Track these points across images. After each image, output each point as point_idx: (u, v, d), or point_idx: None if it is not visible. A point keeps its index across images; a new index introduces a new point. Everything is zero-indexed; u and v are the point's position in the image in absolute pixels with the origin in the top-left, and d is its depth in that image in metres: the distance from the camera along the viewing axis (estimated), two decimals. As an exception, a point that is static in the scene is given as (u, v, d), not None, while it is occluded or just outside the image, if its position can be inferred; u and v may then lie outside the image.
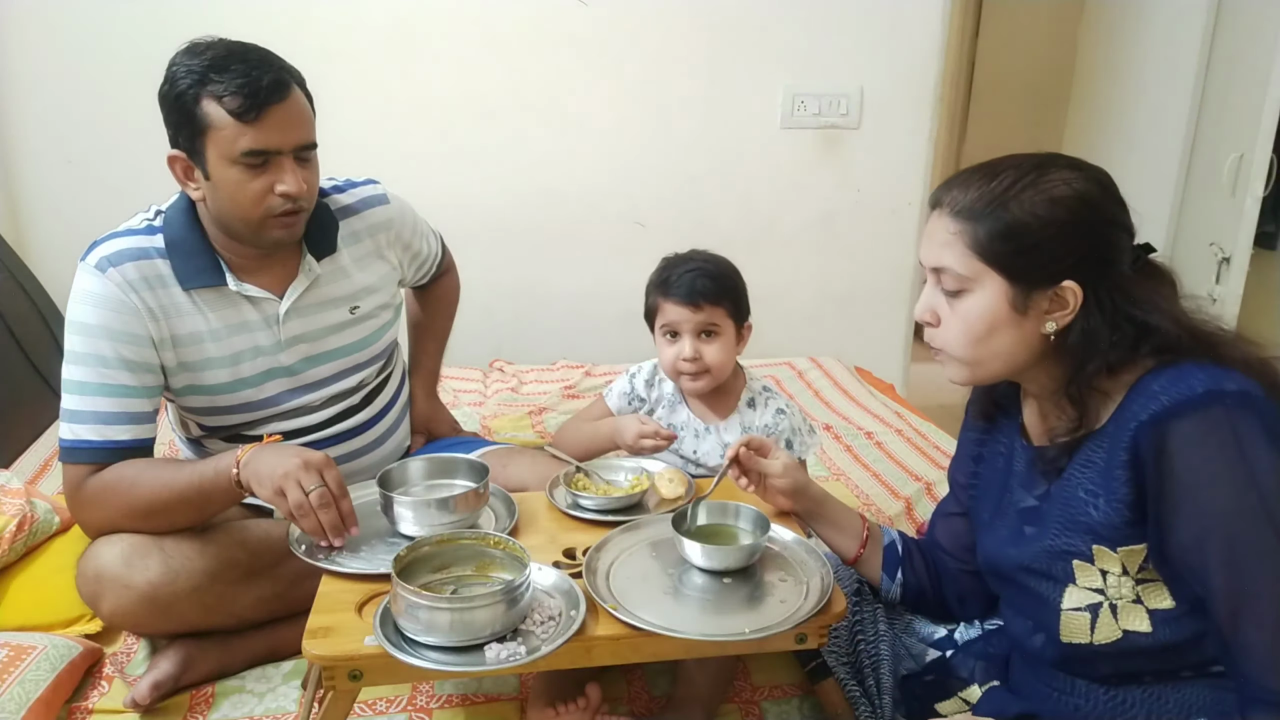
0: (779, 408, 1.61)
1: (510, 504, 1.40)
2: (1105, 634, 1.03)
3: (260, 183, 1.36)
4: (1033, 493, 1.12)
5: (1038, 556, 1.08)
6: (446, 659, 1.05)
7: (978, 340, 1.05)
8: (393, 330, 1.69)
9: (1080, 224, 1.00)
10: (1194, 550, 0.95)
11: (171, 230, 1.43)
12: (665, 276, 1.56)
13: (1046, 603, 1.08)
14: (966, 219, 1.03)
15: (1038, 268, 1.01)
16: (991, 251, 1.02)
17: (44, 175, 2.67)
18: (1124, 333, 1.00)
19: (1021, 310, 1.02)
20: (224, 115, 1.31)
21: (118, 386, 1.38)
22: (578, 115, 2.84)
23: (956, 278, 1.04)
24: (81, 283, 1.40)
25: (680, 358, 1.54)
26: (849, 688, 1.32)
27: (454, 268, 1.90)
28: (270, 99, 1.32)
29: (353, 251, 1.58)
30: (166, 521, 1.36)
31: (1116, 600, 1.02)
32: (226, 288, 1.44)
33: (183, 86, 1.33)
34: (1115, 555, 1.01)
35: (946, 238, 1.05)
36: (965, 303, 1.05)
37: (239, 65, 1.32)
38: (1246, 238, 2.72)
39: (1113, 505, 1.00)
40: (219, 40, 1.37)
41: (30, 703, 1.26)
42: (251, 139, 1.33)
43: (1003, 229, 1.01)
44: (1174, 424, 0.94)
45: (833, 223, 3.04)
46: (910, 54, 2.91)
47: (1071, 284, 1.00)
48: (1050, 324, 1.02)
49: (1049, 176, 1.01)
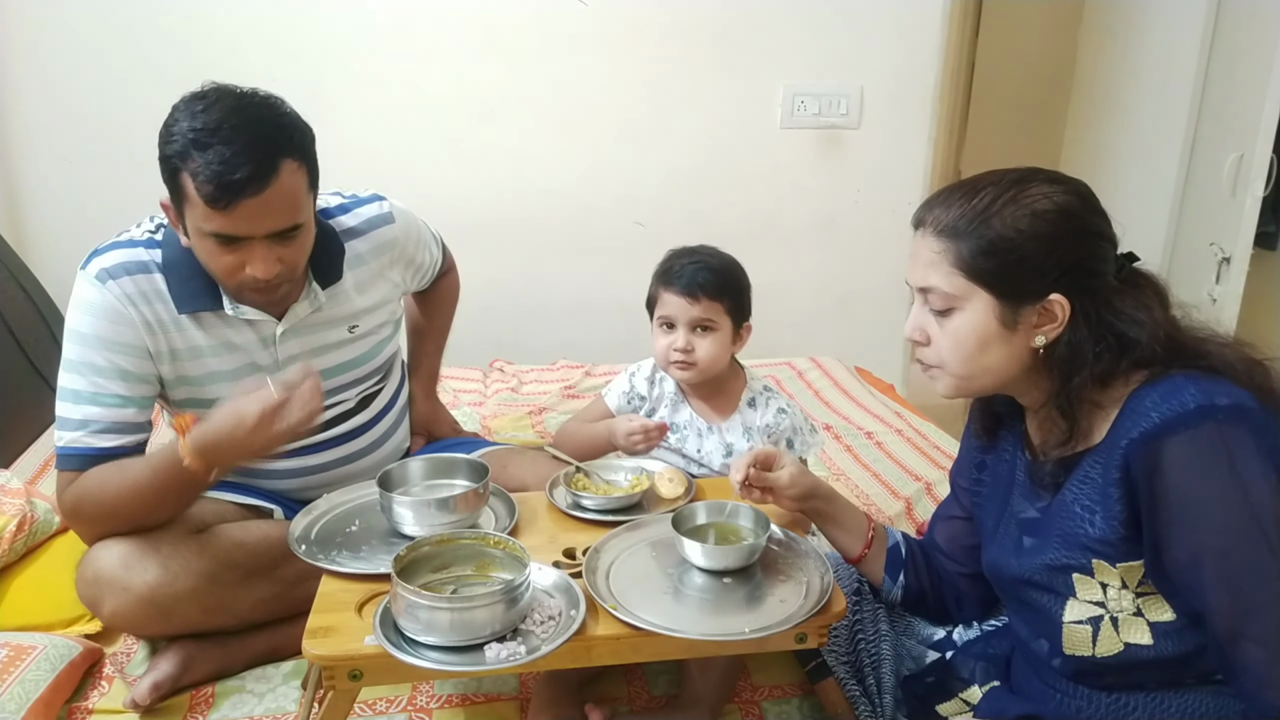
0: (780, 407, 1.61)
1: (510, 504, 1.40)
2: (1107, 646, 1.03)
3: (231, 259, 1.32)
4: (1034, 504, 1.12)
5: (1038, 570, 1.07)
6: (446, 659, 1.05)
7: (969, 357, 1.06)
8: (393, 344, 1.67)
9: (1063, 236, 1.01)
10: (1190, 568, 0.95)
11: (170, 251, 1.41)
12: (668, 267, 1.56)
13: (1048, 615, 1.07)
14: (950, 237, 1.04)
15: (1024, 282, 1.01)
16: (977, 269, 1.02)
17: (44, 175, 2.66)
18: (1108, 344, 1.00)
19: (1011, 326, 1.03)
20: (195, 194, 1.26)
21: (111, 396, 1.38)
22: (578, 115, 2.83)
23: (944, 296, 1.05)
24: (80, 292, 1.39)
25: (672, 347, 1.54)
26: (849, 688, 1.32)
27: (454, 267, 1.89)
28: (243, 193, 1.24)
29: (356, 274, 1.55)
30: (146, 519, 1.36)
31: (1117, 613, 1.02)
32: (223, 311, 1.43)
33: (169, 150, 1.27)
34: (1115, 570, 1.01)
35: (931, 257, 1.06)
36: (954, 321, 1.05)
37: (221, 147, 1.24)
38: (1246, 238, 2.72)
39: (1109, 522, 1.00)
40: (221, 95, 1.29)
41: (30, 703, 1.26)
42: (220, 225, 1.27)
43: (986, 245, 1.02)
44: (1166, 442, 0.94)
45: (833, 223, 3.04)
46: (910, 54, 2.91)
47: (1059, 297, 1.01)
48: (1040, 338, 1.02)
49: (1029, 191, 1.02)
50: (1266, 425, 0.94)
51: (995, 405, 1.20)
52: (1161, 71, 3.02)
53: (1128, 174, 3.23)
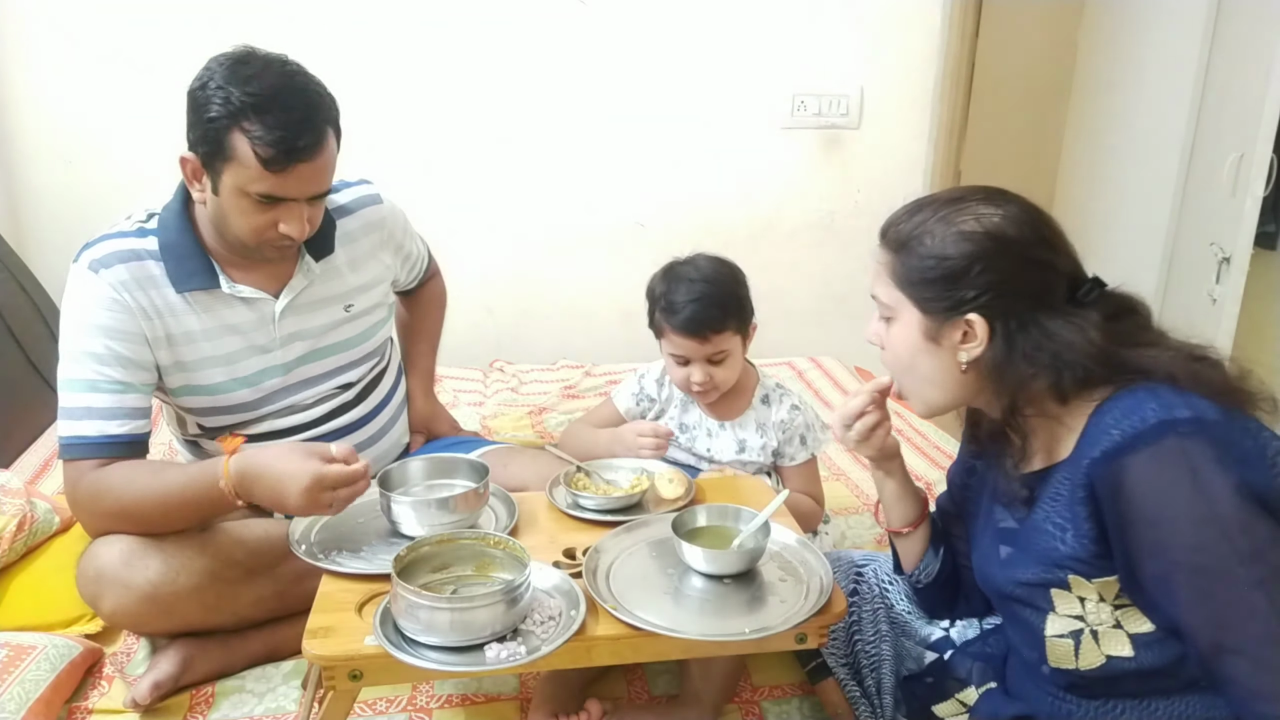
0: (793, 404, 1.64)
1: (510, 504, 1.40)
2: (1089, 659, 1.04)
3: (266, 218, 1.36)
4: (1012, 515, 1.12)
5: (1017, 587, 1.08)
6: (446, 659, 1.05)
7: (905, 368, 1.11)
8: (386, 328, 1.70)
9: (987, 257, 1.01)
10: (1163, 584, 0.95)
11: (166, 234, 1.43)
12: (669, 301, 1.54)
13: (1032, 629, 1.08)
14: (892, 250, 1.09)
15: (941, 298, 1.04)
16: (907, 281, 1.06)
17: (44, 175, 2.67)
18: (1043, 364, 1.01)
19: (934, 339, 1.06)
20: (251, 156, 1.29)
21: (113, 382, 1.38)
22: (577, 115, 2.84)
23: (885, 306, 1.10)
24: (74, 283, 1.40)
25: (691, 379, 1.56)
26: (849, 688, 1.33)
27: (439, 274, 1.92)
28: (301, 157, 1.31)
29: (348, 250, 1.58)
30: (159, 526, 1.36)
31: (1097, 626, 1.02)
32: (220, 290, 1.44)
33: (217, 111, 1.29)
34: (1091, 585, 1.01)
35: (877, 268, 1.11)
36: (893, 330, 1.10)
37: (280, 114, 1.29)
38: (1246, 238, 2.71)
39: (1080, 540, 0.99)
40: (266, 63, 1.33)
41: (30, 703, 1.26)
42: (271, 186, 1.32)
43: (916, 261, 1.05)
44: (1127, 460, 0.93)
45: (833, 223, 3.05)
46: (910, 54, 2.91)
47: (976, 316, 1.02)
48: (963, 354, 1.05)
49: (963, 212, 1.04)
50: (1228, 435, 0.93)
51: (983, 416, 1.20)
52: (1161, 72, 3.02)
53: (1128, 174, 3.23)
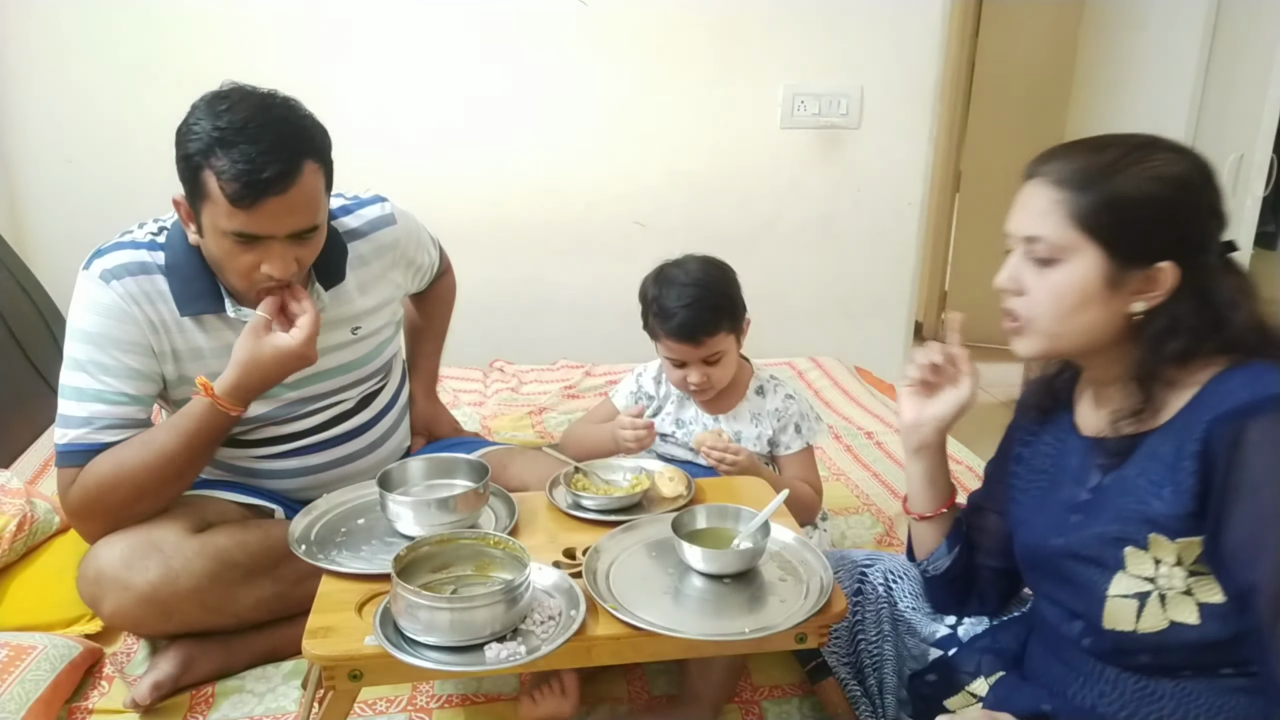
0: (787, 394, 1.65)
1: (510, 504, 1.40)
2: (1151, 623, 1.03)
3: (247, 259, 1.33)
4: (1085, 486, 1.11)
5: (1088, 542, 1.07)
6: (446, 659, 1.05)
7: (1064, 315, 1.05)
8: (393, 345, 1.68)
9: (1181, 205, 1.01)
10: (1246, 546, 0.95)
11: (173, 253, 1.42)
12: (661, 307, 1.55)
13: (1091, 590, 1.07)
14: (1069, 188, 1.03)
15: (1138, 244, 1.01)
16: (1093, 222, 1.01)
17: (44, 175, 2.66)
18: (1203, 322, 1.01)
19: (1114, 286, 1.02)
20: (219, 192, 1.26)
21: (117, 394, 1.38)
22: (578, 115, 2.84)
23: (1051, 246, 1.04)
24: (84, 292, 1.40)
25: (688, 380, 1.58)
26: (849, 688, 1.32)
27: (450, 270, 1.89)
28: (268, 191, 1.25)
29: (359, 275, 1.56)
30: (162, 487, 1.36)
31: (1166, 590, 1.02)
32: (225, 314, 1.43)
33: (191, 148, 1.27)
34: (1173, 545, 1.01)
35: (1045, 206, 1.04)
36: (1057, 274, 1.04)
37: (246, 146, 1.24)
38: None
39: (1179, 496, 0.99)
40: (244, 96, 1.30)
41: (30, 703, 1.26)
42: (242, 223, 1.28)
43: (1107, 201, 1.01)
44: (1250, 421, 0.95)
45: (833, 223, 3.04)
46: (910, 54, 2.91)
47: (1169, 265, 1.00)
48: (1140, 304, 1.02)
49: (1156, 155, 1.02)
50: None
51: (1055, 385, 1.19)
52: (1161, 72, 3.02)
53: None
